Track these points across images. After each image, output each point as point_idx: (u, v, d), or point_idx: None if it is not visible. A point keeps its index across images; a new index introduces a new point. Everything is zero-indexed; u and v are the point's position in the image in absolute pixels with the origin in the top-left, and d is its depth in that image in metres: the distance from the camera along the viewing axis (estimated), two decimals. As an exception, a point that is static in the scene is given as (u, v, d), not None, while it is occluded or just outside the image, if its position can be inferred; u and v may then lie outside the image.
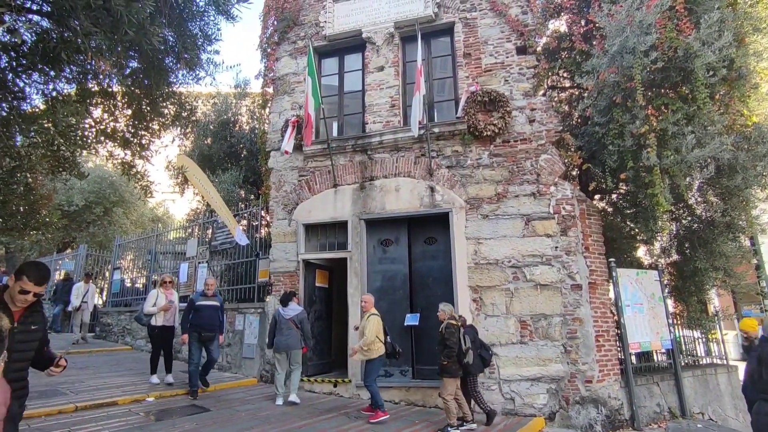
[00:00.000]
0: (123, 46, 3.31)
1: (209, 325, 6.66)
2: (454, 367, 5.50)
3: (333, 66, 8.79)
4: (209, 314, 6.68)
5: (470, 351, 5.56)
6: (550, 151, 6.94)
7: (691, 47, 5.78)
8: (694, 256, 7.62)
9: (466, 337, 5.60)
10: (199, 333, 6.63)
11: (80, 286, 10.59)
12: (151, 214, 19.86)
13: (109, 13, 3.27)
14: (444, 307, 5.85)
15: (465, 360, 5.50)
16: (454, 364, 5.49)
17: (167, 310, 7.03)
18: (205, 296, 6.79)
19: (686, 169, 6.07)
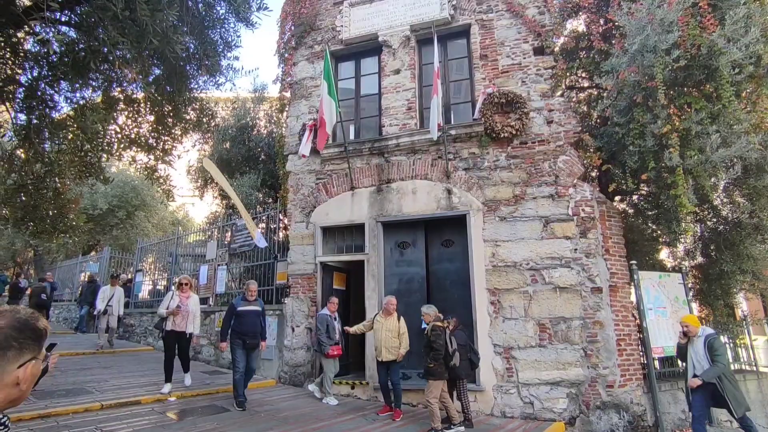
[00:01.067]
0: (147, 55, 3.41)
1: (252, 331, 6.32)
2: (440, 369, 5.46)
3: (349, 70, 8.86)
4: (251, 320, 6.33)
5: (457, 353, 5.53)
6: (568, 152, 6.86)
7: (715, 44, 5.65)
8: (720, 259, 7.42)
9: (453, 339, 5.57)
10: (243, 340, 6.26)
11: (106, 289, 10.16)
12: (172, 217, 20.29)
13: (135, 24, 3.37)
14: (427, 310, 5.85)
15: (452, 362, 5.46)
16: (440, 366, 5.45)
17: (176, 314, 6.59)
18: (247, 301, 6.43)
19: (711, 169, 5.93)
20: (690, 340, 5.37)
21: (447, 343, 5.49)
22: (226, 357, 9.08)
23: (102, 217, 15.83)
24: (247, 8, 3.93)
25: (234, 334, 6.27)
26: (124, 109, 4.55)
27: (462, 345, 5.72)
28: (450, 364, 5.48)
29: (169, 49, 3.30)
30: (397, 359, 6.06)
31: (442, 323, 5.66)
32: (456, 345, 5.57)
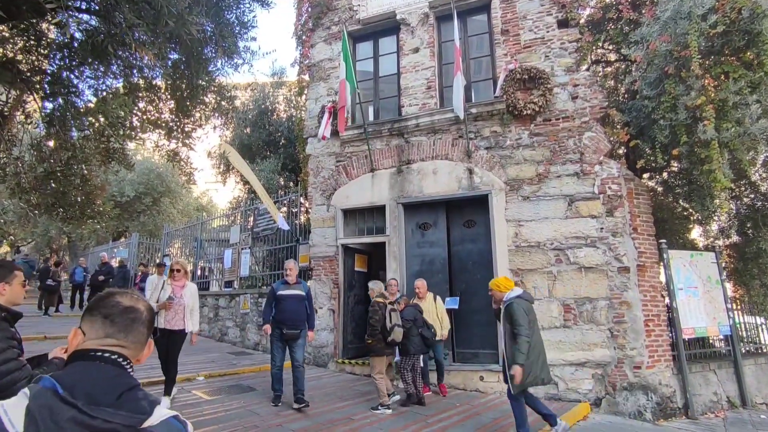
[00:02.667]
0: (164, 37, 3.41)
1: (292, 320, 5.43)
2: (379, 345, 5.55)
3: (368, 50, 8.71)
4: (293, 306, 5.45)
5: (397, 329, 5.52)
6: (594, 128, 6.61)
7: (758, 6, 5.29)
8: (757, 237, 7.10)
9: (393, 315, 5.58)
10: (281, 330, 5.43)
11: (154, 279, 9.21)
12: (196, 203, 20.72)
13: (151, 6, 3.37)
14: (373, 286, 5.91)
15: (390, 338, 5.49)
16: (378, 342, 5.53)
17: (168, 308, 5.18)
18: (287, 284, 5.54)
19: (749, 142, 5.62)
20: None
21: (385, 318, 5.53)
22: (252, 338, 9.32)
23: (129, 204, 16.28)
24: (263, -14, 3.89)
25: (273, 322, 5.50)
26: (144, 96, 4.60)
27: (410, 320, 5.73)
28: (388, 340, 5.52)
29: (185, 30, 3.29)
30: (443, 339, 6.16)
31: (383, 300, 5.74)
32: (397, 321, 5.59)
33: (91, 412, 0.96)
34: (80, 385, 1.01)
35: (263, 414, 5.11)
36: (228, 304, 10.21)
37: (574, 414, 5.59)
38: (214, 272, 12.38)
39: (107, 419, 0.97)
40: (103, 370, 1.08)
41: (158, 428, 1.04)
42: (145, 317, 1.23)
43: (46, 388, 0.98)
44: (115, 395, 1.02)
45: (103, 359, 1.10)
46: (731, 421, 5.98)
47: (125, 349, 1.15)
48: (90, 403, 0.97)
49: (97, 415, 0.96)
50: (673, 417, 5.89)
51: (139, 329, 1.20)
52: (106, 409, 0.98)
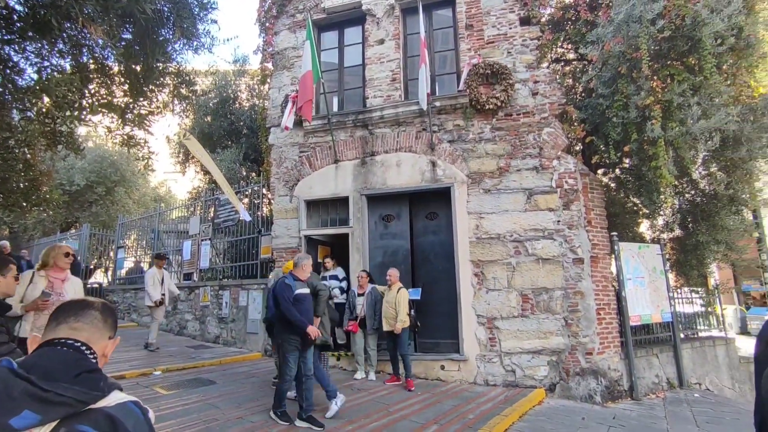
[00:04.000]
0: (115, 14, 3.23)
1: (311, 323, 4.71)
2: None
3: (333, 40, 8.62)
4: (306, 307, 4.65)
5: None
6: (553, 124, 6.85)
7: (699, 15, 5.62)
8: (696, 230, 7.60)
9: None
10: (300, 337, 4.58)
11: (154, 273, 8.08)
12: (154, 193, 19.90)
13: (101, -19, 3.18)
14: (272, 275, 6.39)
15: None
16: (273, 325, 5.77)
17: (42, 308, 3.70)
18: (300, 282, 4.72)
19: (691, 141, 5.99)
20: None
21: None
22: (212, 331, 9.11)
23: (80, 193, 15.42)
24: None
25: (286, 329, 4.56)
26: (95, 77, 4.34)
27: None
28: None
29: (138, 8, 3.13)
30: (394, 330, 6.19)
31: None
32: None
33: (44, 385, 0.97)
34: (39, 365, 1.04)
35: (224, 407, 5.03)
36: (187, 297, 9.93)
37: (529, 400, 5.82)
38: (172, 264, 11.97)
39: (60, 393, 0.98)
40: (63, 353, 1.10)
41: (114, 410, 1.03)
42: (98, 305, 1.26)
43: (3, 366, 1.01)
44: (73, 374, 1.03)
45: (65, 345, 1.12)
46: (670, 400, 6.42)
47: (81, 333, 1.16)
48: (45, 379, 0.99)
49: (50, 389, 0.97)
50: (620, 399, 6.25)
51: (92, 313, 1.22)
52: (60, 384, 0.99)
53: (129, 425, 1.02)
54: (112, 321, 1.27)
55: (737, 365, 8.57)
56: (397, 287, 6.39)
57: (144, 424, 1.08)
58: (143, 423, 1.07)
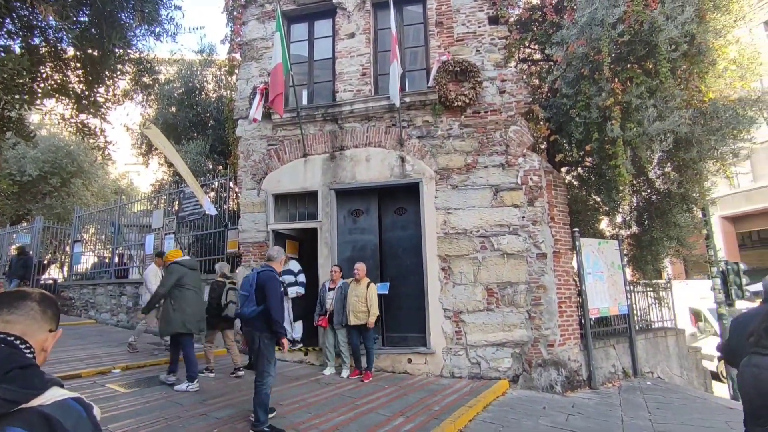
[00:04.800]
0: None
1: None
2: (213, 320, 6.23)
3: (302, 32, 8.50)
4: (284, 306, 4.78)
5: (231, 305, 6.21)
6: (519, 122, 7.02)
7: (656, 21, 5.88)
8: (651, 227, 7.97)
9: (230, 293, 6.28)
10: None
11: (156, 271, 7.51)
12: (114, 186, 19.10)
13: (55, -41, 3.02)
14: (218, 268, 6.76)
15: (224, 313, 6.23)
16: (212, 317, 6.19)
17: None
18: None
19: (647, 141, 6.27)
20: None
21: (221, 296, 6.25)
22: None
23: (32, 184, 14.61)
24: (186, -49, 3.61)
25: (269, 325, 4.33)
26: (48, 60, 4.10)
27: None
28: (222, 315, 6.24)
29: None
30: (367, 324, 6.22)
31: (224, 279, 6.46)
32: (233, 299, 6.24)
33: None
34: None
35: (186, 404, 4.92)
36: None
37: (493, 391, 5.98)
38: (134, 259, 11.55)
39: None
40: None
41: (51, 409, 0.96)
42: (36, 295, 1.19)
43: None
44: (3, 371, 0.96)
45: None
46: (625, 388, 6.74)
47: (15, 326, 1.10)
48: None
49: None
50: (579, 388, 6.51)
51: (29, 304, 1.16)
52: None
53: (68, 424, 0.96)
54: (52, 313, 1.20)
55: (686, 354, 9.09)
56: (366, 282, 6.42)
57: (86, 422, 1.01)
58: (85, 421, 1.01)
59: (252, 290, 4.28)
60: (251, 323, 4.32)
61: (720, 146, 6.80)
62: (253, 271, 4.56)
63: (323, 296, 6.78)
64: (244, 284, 4.49)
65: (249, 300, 4.27)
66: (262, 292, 4.24)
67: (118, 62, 4.31)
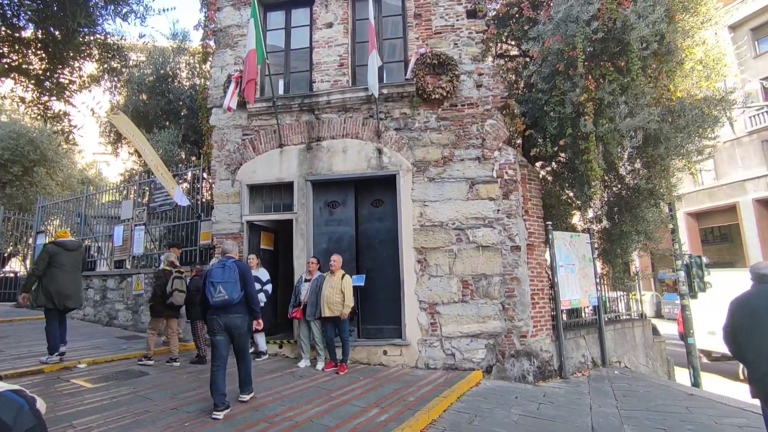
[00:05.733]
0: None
1: None
2: (158, 307, 6.41)
3: (279, 20, 8.32)
4: None
5: (177, 293, 6.33)
6: (495, 116, 7.08)
7: (628, 19, 6.02)
8: (620, 221, 8.21)
9: (176, 281, 6.38)
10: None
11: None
12: (81, 175, 18.40)
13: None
14: (164, 257, 6.93)
15: (169, 300, 6.32)
16: (157, 304, 6.39)
17: None
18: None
19: (618, 137, 6.43)
20: None
21: (166, 284, 6.34)
22: (146, 321, 8.62)
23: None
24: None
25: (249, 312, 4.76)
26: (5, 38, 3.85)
27: (194, 290, 6.29)
28: (167, 302, 6.33)
29: (57, -37, 2.82)
30: (341, 317, 6.17)
31: (171, 268, 6.54)
32: (179, 287, 6.37)
33: None
34: None
35: (157, 399, 4.80)
36: (118, 285, 9.32)
37: (468, 381, 6.05)
38: (102, 251, 11.17)
39: None
40: None
41: None
42: None
43: None
44: None
45: None
46: (594, 377, 6.95)
47: None
48: None
49: None
50: (550, 378, 6.67)
51: None
52: None
53: (7, 417, 0.90)
54: None
55: (651, 344, 9.43)
56: (341, 273, 6.38)
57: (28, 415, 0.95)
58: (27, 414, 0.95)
59: (237, 277, 4.56)
60: (234, 308, 4.54)
61: (686, 143, 7.03)
62: (221, 262, 4.72)
63: (299, 288, 6.72)
64: (217, 273, 4.59)
65: (235, 286, 4.52)
66: (242, 279, 4.60)
67: (83, 44, 4.11)
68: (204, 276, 4.85)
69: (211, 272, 4.65)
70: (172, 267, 6.59)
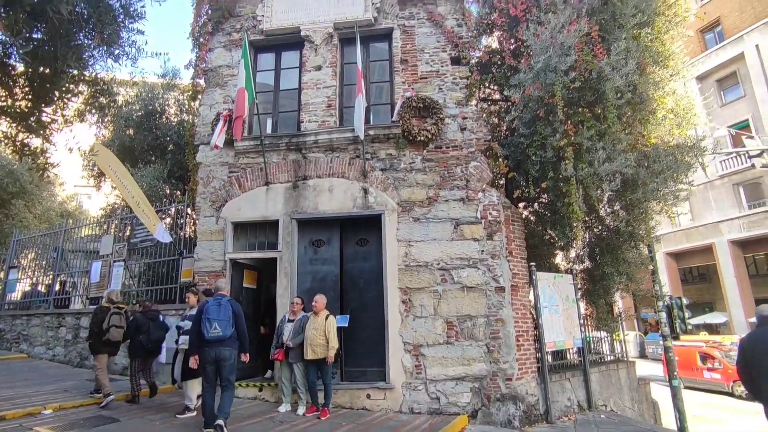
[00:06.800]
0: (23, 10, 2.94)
1: None
2: (97, 344, 6.31)
3: (269, 61, 8.55)
4: None
5: (114, 330, 6.26)
6: (479, 158, 7.26)
7: (603, 71, 6.36)
8: (602, 262, 8.33)
9: (113, 318, 6.32)
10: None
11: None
12: (60, 208, 18.04)
13: (10, -25, 2.91)
14: (105, 293, 6.87)
15: (105, 337, 6.23)
16: (96, 342, 6.30)
17: None
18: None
19: (597, 181, 6.64)
20: None
21: (103, 321, 6.28)
22: (119, 362, 8.27)
23: (-33, 204, 13.57)
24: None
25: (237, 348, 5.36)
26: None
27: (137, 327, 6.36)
28: (104, 339, 6.23)
29: (51, 7, 2.88)
30: (327, 360, 6.00)
31: (109, 304, 6.45)
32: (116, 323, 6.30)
33: None
34: None
35: (124, 448, 4.52)
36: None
37: (453, 427, 5.89)
38: (77, 287, 10.79)
39: None
40: None
41: None
42: None
43: None
44: None
45: None
46: (580, 422, 6.82)
47: None
48: None
49: None
50: (537, 423, 6.53)
51: None
52: None
53: None
54: None
55: (636, 386, 9.36)
56: (325, 314, 6.25)
57: None
58: None
59: (230, 315, 5.10)
60: (225, 342, 5.04)
61: (662, 188, 7.28)
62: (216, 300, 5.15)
63: (281, 328, 6.56)
64: (213, 311, 5.05)
65: (228, 324, 5.05)
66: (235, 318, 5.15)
67: (71, 82, 4.14)
68: (200, 310, 5.16)
69: (207, 309, 5.05)
70: (110, 303, 6.54)
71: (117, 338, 6.34)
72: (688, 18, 7.83)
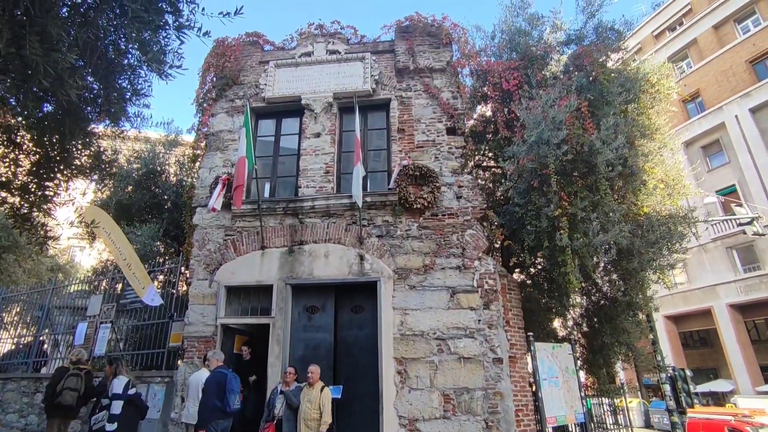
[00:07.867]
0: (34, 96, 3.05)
1: None
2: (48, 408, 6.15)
3: (270, 128, 8.82)
4: None
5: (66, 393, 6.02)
6: (475, 226, 7.31)
7: (594, 144, 6.58)
8: (601, 331, 8.18)
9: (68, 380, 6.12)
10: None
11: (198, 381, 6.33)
12: (52, 262, 17.74)
13: (23, 61, 3.05)
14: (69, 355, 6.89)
15: (57, 399, 6.04)
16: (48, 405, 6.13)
17: None
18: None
19: (593, 251, 6.67)
20: None
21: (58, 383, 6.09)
22: None
23: (-44, 258, 13.34)
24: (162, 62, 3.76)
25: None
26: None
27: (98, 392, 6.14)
28: (55, 402, 6.04)
29: (62, 91, 2.99)
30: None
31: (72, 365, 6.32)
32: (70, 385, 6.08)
33: None
34: None
35: None
36: (70, 391, 8.50)
37: None
38: (59, 348, 10.35)
39: None
40: None
41: None
42: None
43: None
44: None
45: None
46: None
47: None
48: None
49: None
50: None
51: None
52: None
53: None
54: None
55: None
56: (320, 386, 5.96)
57: None
58: None
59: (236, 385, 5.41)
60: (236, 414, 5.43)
61: (658, 258, 7.30)
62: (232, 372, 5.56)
63: (273, 399, 6.23)
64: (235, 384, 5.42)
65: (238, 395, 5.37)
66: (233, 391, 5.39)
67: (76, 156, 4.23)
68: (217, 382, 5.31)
69: (230, 381, 5.34)
70: (72, 364, 6.30)
71: (69, 402, 5.97)
72: (671, 95, 8.25)
